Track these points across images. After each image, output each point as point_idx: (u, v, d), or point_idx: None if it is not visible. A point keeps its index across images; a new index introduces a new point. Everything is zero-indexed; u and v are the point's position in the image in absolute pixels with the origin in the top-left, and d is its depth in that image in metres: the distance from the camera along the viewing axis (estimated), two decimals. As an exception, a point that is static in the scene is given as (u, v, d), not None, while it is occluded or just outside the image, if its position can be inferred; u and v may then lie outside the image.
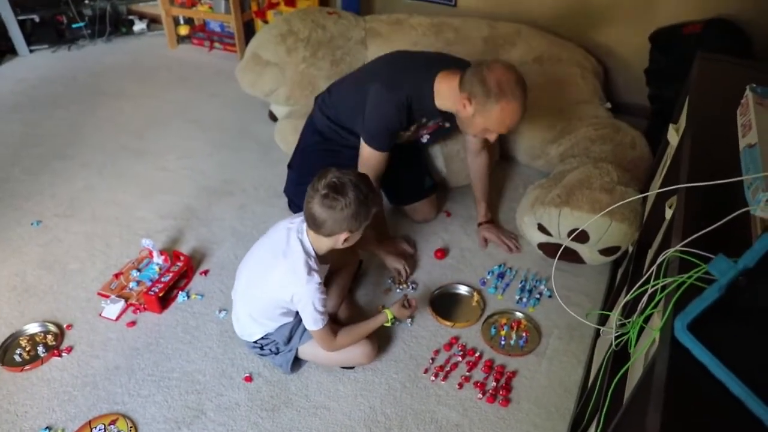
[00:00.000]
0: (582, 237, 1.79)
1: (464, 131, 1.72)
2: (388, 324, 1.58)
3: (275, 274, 1.42)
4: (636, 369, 1.00)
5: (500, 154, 2.43)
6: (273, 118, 2.73)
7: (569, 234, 1.79)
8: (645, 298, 0.96)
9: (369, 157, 1.75)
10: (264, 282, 1.46)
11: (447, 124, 1.87)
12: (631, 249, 1.74)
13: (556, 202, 1.80)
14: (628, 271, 1.52)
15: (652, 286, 0.92)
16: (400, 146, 1.89)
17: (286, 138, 2.42)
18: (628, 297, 1.04)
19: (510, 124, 1.58)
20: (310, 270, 1.39)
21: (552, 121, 2.35)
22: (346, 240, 1.41)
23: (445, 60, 1.74)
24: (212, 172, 2.42)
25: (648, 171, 1.98)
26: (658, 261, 0.92)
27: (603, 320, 1.72)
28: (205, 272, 1.94)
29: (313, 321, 1.43)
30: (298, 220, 1.46)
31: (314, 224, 1.38)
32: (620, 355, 1.16)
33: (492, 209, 2.13)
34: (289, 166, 2.09)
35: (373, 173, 1.74)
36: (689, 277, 0.83)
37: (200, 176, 2.39)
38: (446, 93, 1.65)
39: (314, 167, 1.96)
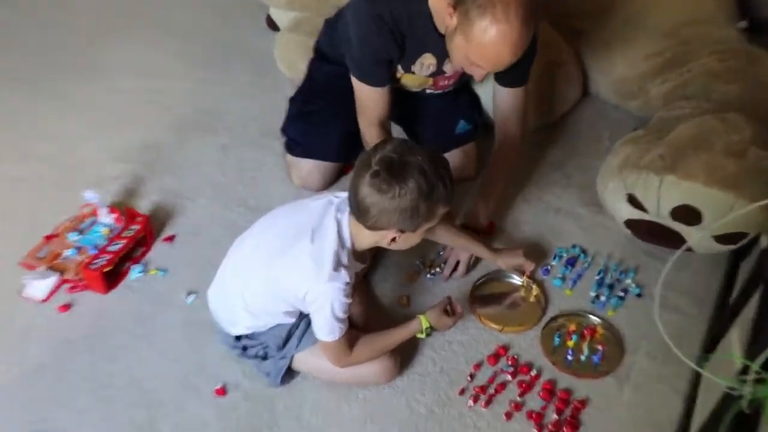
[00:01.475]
0: (691, 217, 1.62)
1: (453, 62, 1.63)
2: (422, 335, 1.51)
3: (292, 260, 1.36)
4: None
5: (582, 90, 2.27)
6: (273, 26, 2.60)
7: (673, 212, 1.64)
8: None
9: (359, 94, 1.74)
10: (276, 265, 1.38)
11: None
12: (766, 240, 1.54)
13: (658, 166, 1.64)
14: (761, 273, 1.33)
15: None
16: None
17: (291, 59, 2.32)
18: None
19: (493, 57, 1.47)
20: (338, 264, 1.34)
21: (655, 46, 2.18)
22: (393, 241, 1.36)
23: None
24: (185, 98, 2.34)
25: None
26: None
27: (713, 339, 1.54)
28: (170, 238, 1.86)
29: (329, 330, 1.38)
30: (345, 195, 1.40)
31: (356, 209, 1.33)
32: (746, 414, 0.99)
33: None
34: (292, 99, 2.03)
35: (369, 116, 1.74)
36: None
37: (169, 103, 2.32)
38: (441, 8, 1.55)
39: (323, 97, 1.91)
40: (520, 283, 1.73)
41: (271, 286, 1.39)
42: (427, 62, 1.71)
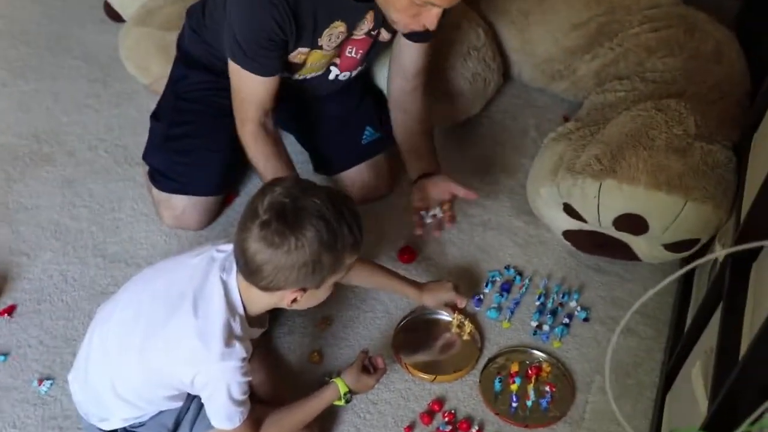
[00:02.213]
0: (637, 225, 1.73)
1: (389, 20, 1.65)
2: (341, 403, 1.52)
3: (173, 339, 1.34)
4: None
5: (503, 72, 2.35)
6: (114, 15, 2.55)
7: (616, 222, 1.73)
8: None
9: (239, 84, 1.71)
10: (153, 347, 1.36)
11: (383, 32, 1.79)
12: (720, 245, 1.67)
13: (595, 169, 1.73)
14: (718, 292, 1.43)
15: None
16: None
17: (142, 60, 2.28)
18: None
19: None
20: (230, 338, 1.33)
21: (581, 15, 2.27)
22: (294, 302, 1.36)
23: None
24: (9, 120, 2.26)
25: (743, 106, 1.94)
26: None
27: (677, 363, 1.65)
28: (9, 310, 1.79)
29: (226, 416, 1.37)
30: (231, 248, 1.38)
31: (245, 268, 1.31)
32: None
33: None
34: (154, 115, 2.00)
35: (248, 112, 1.72)
36: None
37: None
38: None
39: (195, 116, 1.90)
40: (450, 320, 1.79)
41: (149, 372, 1.38)
42: (336, 31, 1.71)
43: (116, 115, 2.26)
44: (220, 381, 1.33)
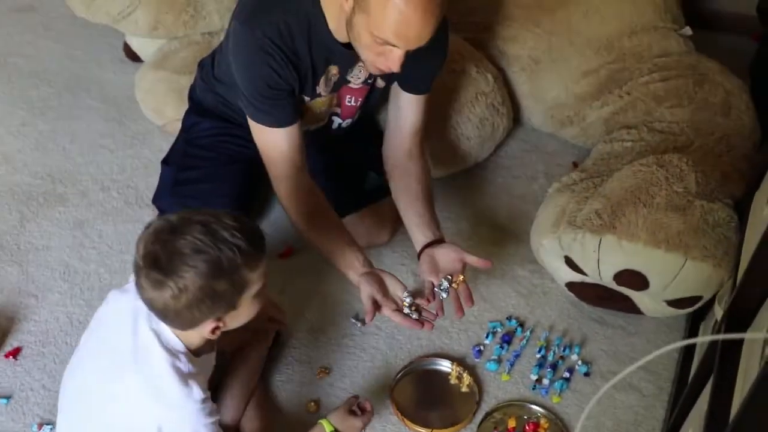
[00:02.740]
0: (637, 282, 1.72)
1: (362, 58, 1.64)
2: None
3: (121, 399, 1.34)
4: None
5: (512, 117, 2.36)
6: (133, 56, 2.59)
7: (616, 276, 1.73)
8: None
9: (260, 139, 1.73)
10: (103, 414, 1.37)
11: (380, 80, 1.81)
12: (720, 306, 1.64)
13: (595, 225, 1.72)
14: (711, 363, 1.41)
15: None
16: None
17: (157, 103, 2.33)
18: None
19: (399, 21, 1.45)
20: (183, 378, 1.33)
21: (591, 62, 2.29)
22: (218, 329, 1.34)
23: None
24: (26, 159, 2.30)
25: (752, 160, 1.94)
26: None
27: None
28: (15, 352, 1.81)
29: None
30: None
31: (157, 315, 1.32)
32: None
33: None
34: (165, 160, 2.04)
35: (280, 168, 1.73)
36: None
37: (3, 168, 2.27)
38: (338, 5, 1.57)
39: (203, 162, 1.94)
40: (449, 371, 1.79)
41: None
42: (330, 74, 1.73)
43: (130, 156, 2.30)
44: (187, 427, 1.32)
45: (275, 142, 1.71)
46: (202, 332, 1.33)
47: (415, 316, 1.63)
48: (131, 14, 2.35)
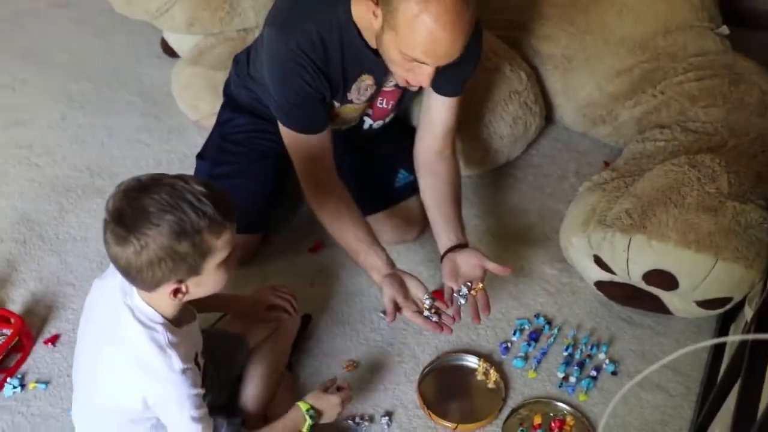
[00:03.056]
0: (667, 282, 1.71)
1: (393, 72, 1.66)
2: (308, 422, 1.51)
3: (105, 373, 1.38)
4: None
5: (545, 116, 2.36)
6: (170, 52, 2.64)
7: (645, 277, 1.72)
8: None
9: (290, 143, 1.77)
10: (94, 387, 1.41)
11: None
12: (750, 307, 1.63)
13: (624, 224, 1.72)
14: (740, 364, 1.40)
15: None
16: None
17: (193, 98, 2.36)
18: None
19: (428, 41, 1.47)
20: (162, 349, 1.34)
21: (625, 61, 2.28)
22: (180, 293, 1.33)
23: None
24: (64, 152, 2.34)
25: None
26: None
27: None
28: (53, 339, 1.85)
29: None
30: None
31: (121, 274, 1.32)
32: None
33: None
34: (200, 155, 2.07)
35: (310, 167, 1.76)
36: None
37: (44, 161, 2.31)
38: (366, 14, 1.58)
39: (236, 157, 1.97)
40: (476, 367, 1.80)
41: (106, 409, 1.41)
42: (365, 84, 1.75)
43: (166, 150, 2.34)
44: (171, 396, 1.34)
45: (304, 146, 1.74)
46: (165, 293, 1.32)
47: (435, 318, 1.65)
48: (169, 11, 2.39)
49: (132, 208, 1.24)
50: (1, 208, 2.16)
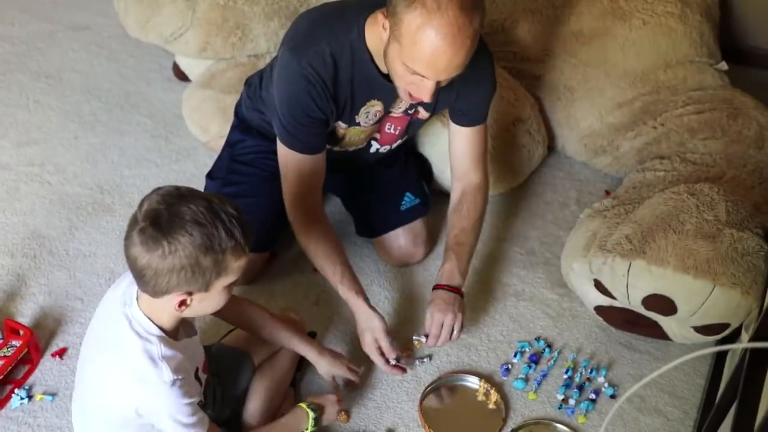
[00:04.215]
0: (665, 307, 1.73)
1: (396, 87, 1.67)
2: (309, 424, 1.56)
3: (100, 380, 1.40)
4: None
5: (547, 145, 2.41)
6: (181, 76, 2.68)
7: (644, 301, 1.74)
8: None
9: (285, 163, 1.78)
10: (90, 393, 1.43)
11: (422, 110, 1.84)
12: (747, 333, 1.66)
13: (625, 249, 1.74)
14: (734, 389, 1.43)
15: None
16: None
17: (203, 121, 2.39)
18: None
19: (428, 54, 1.48)
20: (153, 360, 1.35)
21: (626, 93, 2.32)
22: (184, 305, 1.35)
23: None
24: (76, 170, 2.38)
25: None
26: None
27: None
28: (61, 352, 1.87)
29: None
30: (127, 281, 1.42)
31: (135, 276, 1.34)
32: None
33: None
34: (209, 174, 2.10)
35: (296, 193, 1.79)
36: None
37: (55, 178, 2.34)
38: (381, 39, 1.61)
39: (245, 177, 2.00)
40: (477, 388, 1.81)
41: (101, 418, 1.42)
42: (373, 110, 1.78)
43: (175, 170, 2.37)
44: (162, 408, 1.35)
45: (297, 165, 1.76)
46: (170, 304, 1.34)
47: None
48: (182, 35, 2.44)
49: (169, 212, 1.27)
50: (13, 224, 2.18)
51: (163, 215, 1.26)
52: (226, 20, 2.41)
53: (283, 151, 1.77)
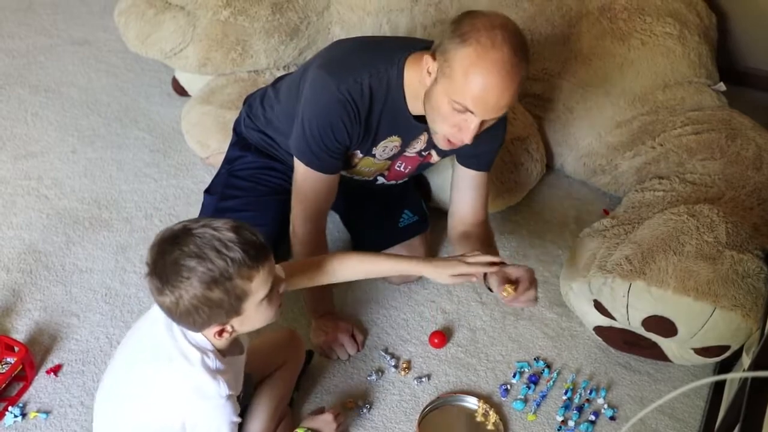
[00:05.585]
0: (665, 328, 1.72)
1: (432, 133, 1.67)
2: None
3: (154, 388, 1.39)
4: None
5: (545, 163, 2.40)
6: (181, 91, 2.66)
7: (644, 322, 1.73)
8: None
9: (302, 180, 1.79)
10: (131, 403, 1.42)
11: (434, 154, 1.86)
12: (748, 356, 1.64)
13: (625, 270, 1.73)
14: (737, 412, 1.41)
15: None
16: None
17: (202, 136, 2.38)
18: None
19: (480, 89, 1.50)
20: (212, 373, 1.37)
21: (625, 113, 2.32)
22: (223, 333, 1.37)
23: (425, 42, 1.71)
24: (74, 184, 2.37)
25: None
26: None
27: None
28: (56, 369, 1.85)
29: None
30: None
31: (165, 314, 1.36)
32: None
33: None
34: (208, 190, 2.09)
35: (309, 209, 1.80)
36: None
37: (53, 193, 2.32)
38: (418, 79, 1.63)
39: (243, 192, 2.00)
40: (476, 409, 1.80)
41: (138, 428, 1.42)
42: (391, 145, 1.79)
43: (173, 186, 2.36)
44: (213, 420, 1.36)
45: (313, 184, 1.77)
46: (210, 334, 1.37)
47: None
48: (183, 51, 2.44)
49: (164, 261, 1.28)
50: (9, 239, 2.16)
51: (159, 264, 1.29)
52: (226, 36, 2.41)
53: (300, 168, 1.77)
